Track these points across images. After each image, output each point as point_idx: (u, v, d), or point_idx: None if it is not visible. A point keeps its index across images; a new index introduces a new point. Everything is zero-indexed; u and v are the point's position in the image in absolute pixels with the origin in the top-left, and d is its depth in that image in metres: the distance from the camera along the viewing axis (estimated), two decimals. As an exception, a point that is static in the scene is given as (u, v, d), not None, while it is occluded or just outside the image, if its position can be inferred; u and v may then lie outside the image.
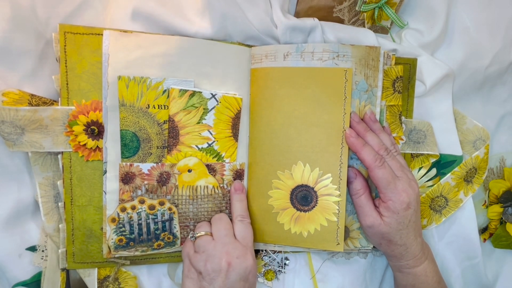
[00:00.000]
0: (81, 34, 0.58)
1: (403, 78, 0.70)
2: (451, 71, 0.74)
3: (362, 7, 0.68)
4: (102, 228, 0.61)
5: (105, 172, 0.60)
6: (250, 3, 0.65)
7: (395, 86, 0.69)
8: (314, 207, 0.64)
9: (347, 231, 0.67)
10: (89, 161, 0.60)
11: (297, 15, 0.69)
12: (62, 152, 0.59)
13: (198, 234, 0.61)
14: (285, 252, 0.70)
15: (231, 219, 0.65)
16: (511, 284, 0.82)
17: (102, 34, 0.59)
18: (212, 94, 0.63)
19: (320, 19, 0.67)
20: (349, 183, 0.64)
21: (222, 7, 0.63)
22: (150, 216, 0.62)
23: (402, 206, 0.61)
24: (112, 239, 0.60)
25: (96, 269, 0.63)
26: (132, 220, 0.61)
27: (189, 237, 0.62)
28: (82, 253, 0.61)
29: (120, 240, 0.61)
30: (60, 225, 0.60)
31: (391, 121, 0.70)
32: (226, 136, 0.64)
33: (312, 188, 0.64)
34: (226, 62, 0.65)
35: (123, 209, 0.60)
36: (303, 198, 0.64)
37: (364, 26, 0.71)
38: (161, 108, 0.61)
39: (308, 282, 0.72)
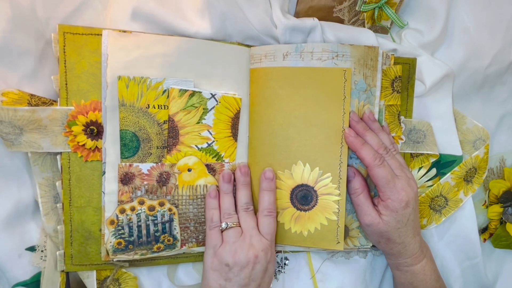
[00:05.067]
0: (80, 34, 0.58)
1: (402, 78, 0.71)
2: (451, 71, 0.74)
3: (362, 7, 0.68)
4: (100, 230, 0.61)
5: (104, 173, 0.60)
6: (250, 3, 0.65)
7: (394, 85, 0.69)
8: (314, 206, 0.64)
9: (346, 230, 0.67)
10: (88, 162, 0.60)
11: (297, 15, 0.69)
12: (61, 152, 0.59)
13: (231, 224, 0.61)
14: (284, 252, 0.70)
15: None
16: (511, 284, 0.82)
17: (101, 35, 0.59)
18: (211, 94, 0.63)
19: (320, 19, 0.67)
20: (347, 182, 0.64)
21: (222, 7, 0.63)
22: (150, 218, 0.61)
23: (401, 205, 0.61)
24: (110, 242, 0.60)
25: (95, 271, 0.62)
26: (132, 222, 0.61)
27: (221, 225, 0.61)
28: (81, 255, 0.61)
29: (119, 243, 0.60)
30: (58, 227, 0.60)
31: (390, 120, 0.70)
32: (226, 136, 0.64)
33: (312, 188, 0.64)
34: (226, 62, 0.64)
35: (122, 211, 0.60)
36: (303, 197, 0.64)
37: (364, 26, 0.71)
38: (161, 108, 0.61)
39: (308, 282, 0.72)
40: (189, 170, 0.63)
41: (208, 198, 0.64)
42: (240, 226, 0.62)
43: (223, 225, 0.61)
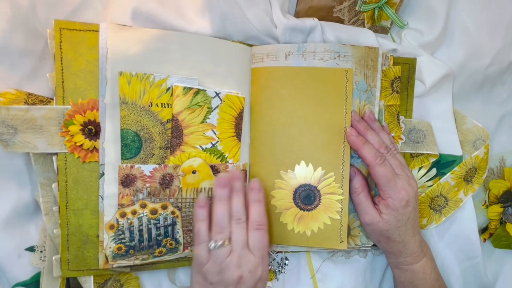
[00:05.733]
0: (77, 30, 0.57)
1: (402, 78, 0.71)
2: (451, 71, 0.74)
3: (362, 7, 0.68)
4: (98, 236, 0.59)
5: (102, 174, 0.58)
6: (250, 3, 0.65)
7: (394, 86, 0.69)
8: (317, 206, 0.64)
9: (348, 229, 0.67)
10: (86, 163, 0.58)
11: (297, 15, 0.69)
12: (57, 153, 0.57)
13: (220, 244, 0.56)
14: (284, 252, 0.70)
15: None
16: (511, 284, 0.82)
17: (99, 31, 0.57)
18: (216, 92, 0.62)
19: (320, 19, 0.67)
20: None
21: (222, 7, 0.63)
22: (152, 221, 0.60)
23: (401, 204, 0.61)
24: (110, 247, 0.58)
25: (92, 276, 0.60)
26: (133, 226, 0.59)
27: (210, 245, 0.56)
28: (78, 260, 0.59)
29: (119, 249, 0.58)
30: (54, 230, 0.59)
31: (389, 121, 0.70)
32: (230, 136, 0.63)
33: (315, 187, 0.64)
34: (228, 60, 0.64)
35: (123, 215, 0.58)
36: (306, 197, 0.64)
37: (364, 26, 0.72)
38: (165, 106, 0.59)
39: (308, 282, 0.72)
40: (193, 172, 0.61)
41: (196, 207, 0.59)
42: (229, 242, 0.57)
43: (212, 245, 0.56)
